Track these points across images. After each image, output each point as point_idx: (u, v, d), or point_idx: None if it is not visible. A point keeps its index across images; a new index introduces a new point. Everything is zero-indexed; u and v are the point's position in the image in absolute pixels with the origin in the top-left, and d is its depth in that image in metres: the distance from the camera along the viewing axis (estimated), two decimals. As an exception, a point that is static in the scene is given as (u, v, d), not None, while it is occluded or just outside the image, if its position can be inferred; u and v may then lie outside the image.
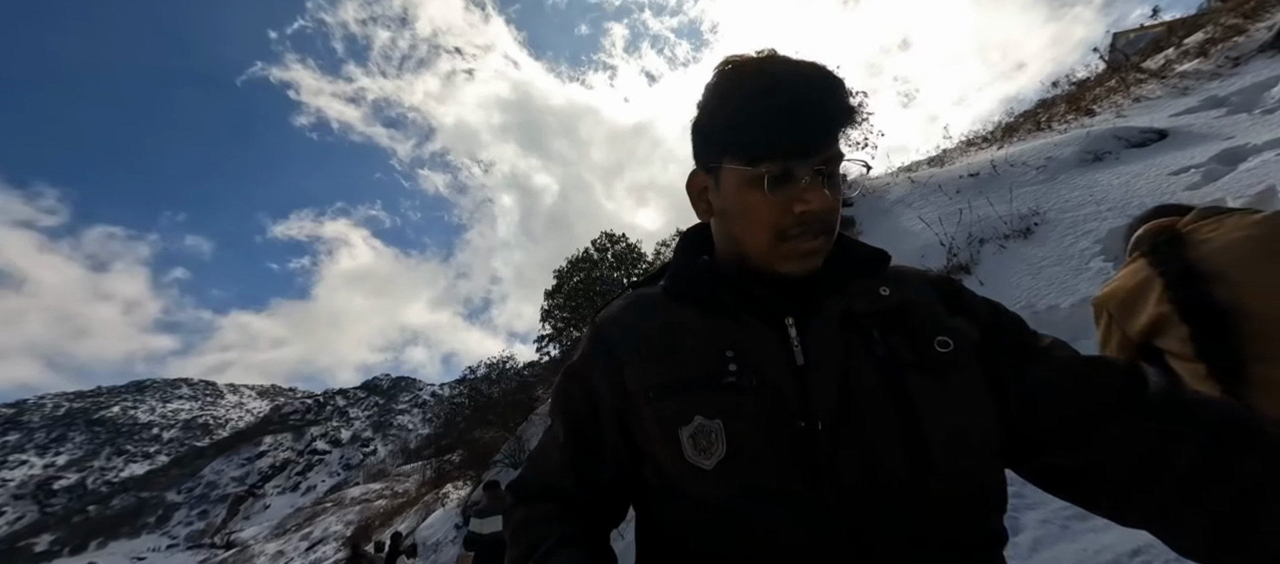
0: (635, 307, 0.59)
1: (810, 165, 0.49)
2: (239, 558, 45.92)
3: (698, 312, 0.55)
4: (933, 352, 0.50)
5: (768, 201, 0.50)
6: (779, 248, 0.51)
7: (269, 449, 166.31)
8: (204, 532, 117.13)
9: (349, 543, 28.31)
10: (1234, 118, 4.74)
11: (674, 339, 0.54)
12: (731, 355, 0.50)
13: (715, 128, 0.54)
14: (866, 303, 0.53)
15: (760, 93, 0.50)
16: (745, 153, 0.51)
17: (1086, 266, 3.57)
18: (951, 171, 7.24)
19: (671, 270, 0.60)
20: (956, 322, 0.53)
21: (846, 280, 0.54)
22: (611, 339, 0.57)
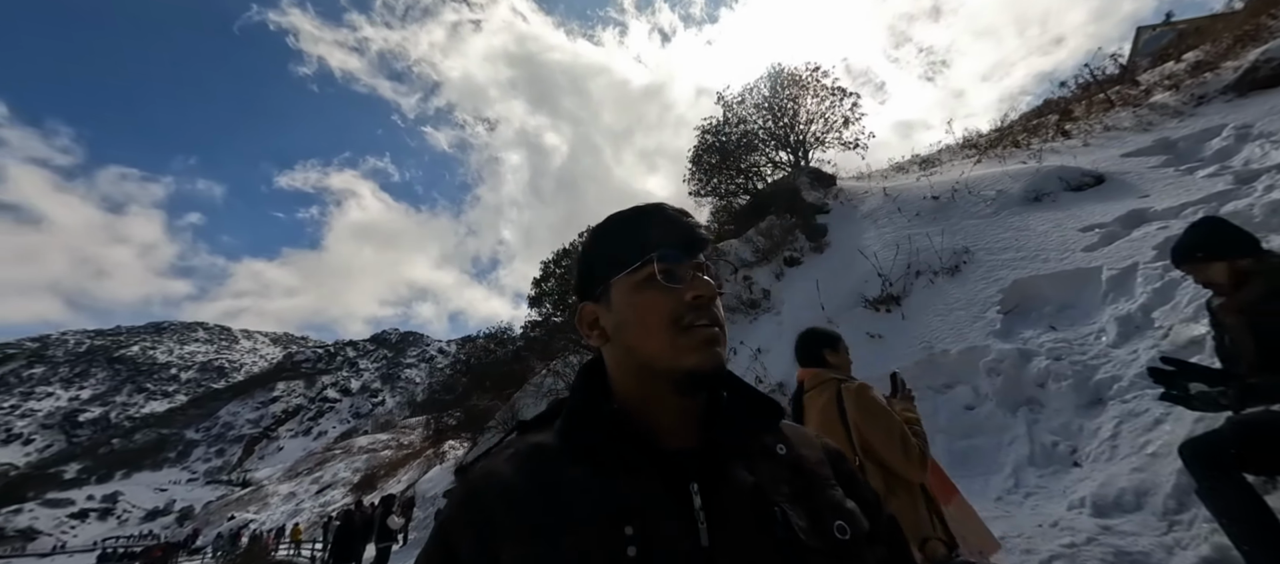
0: (520, 462, 0.52)
1: (691, 262, 0.53)
2: (254, 496, 48.83)
3: (593, 472, 0.49)
4: (832, 536, 0.49)
5: (662, 294, 0.52)
6: (680, 340, 0.51)
7: (282, 395, 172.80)
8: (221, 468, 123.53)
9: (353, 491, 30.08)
10: (1163, 171, 5.04)
11: (564, 509, 0.47)
12: (630, 533, 0.45)
13: (598, 257, 0.57)
14: (768, 470, 0.52)
15: (633, 217, 0.57)
16: (631, 260, 0.54)
17: (982, 316, 4.02)
18: (919, 189, 7.54)
19: (566, 413, 0.54)
20: (851, 506, 0.53)
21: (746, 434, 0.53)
22: (489, 509, 0.49)
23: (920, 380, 3.92)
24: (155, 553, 24.36)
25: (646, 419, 0.53)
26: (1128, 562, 1.67)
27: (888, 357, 4.35)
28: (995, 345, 3.56)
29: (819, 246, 8.04)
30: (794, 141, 12.22)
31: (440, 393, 22.55)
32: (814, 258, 7.86)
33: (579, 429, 0.52)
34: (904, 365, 4.09)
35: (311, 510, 33.12)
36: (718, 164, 12.27)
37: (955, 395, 3.52)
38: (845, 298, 5.62)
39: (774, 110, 12.20)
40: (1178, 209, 4.07)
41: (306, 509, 34.89)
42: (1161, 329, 2.84)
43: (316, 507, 34.02)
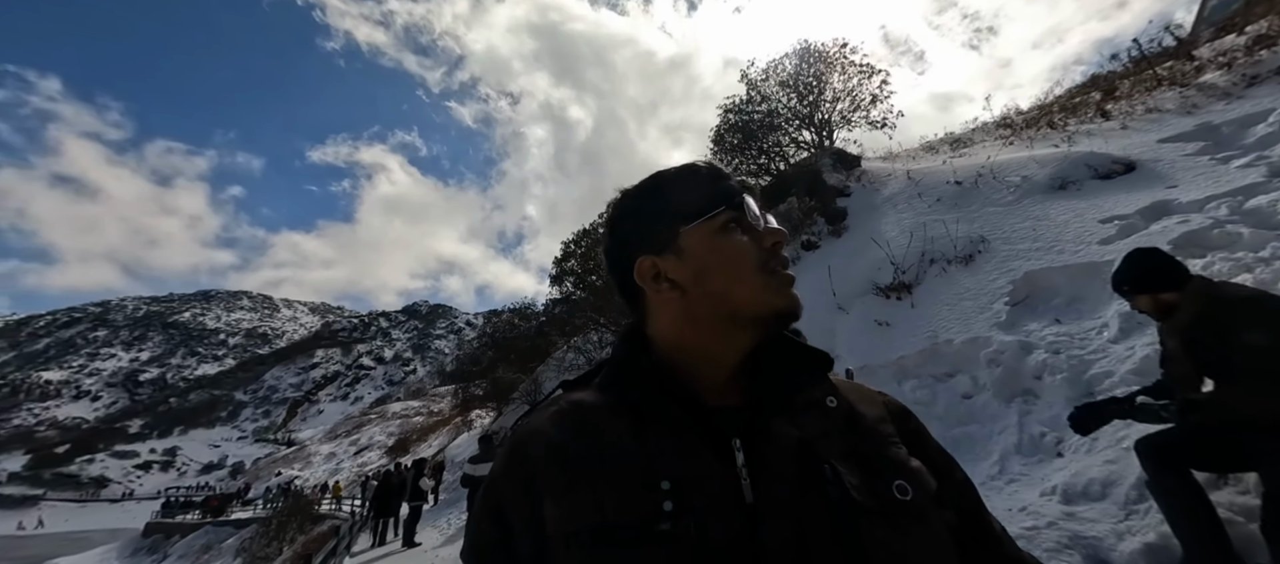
0: (562, 418, 0.52)
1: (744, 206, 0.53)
2: (298, 455, 52.17)
3: (632, 426, 0.49)
4: (892, 497, 0.46)
5: (744, 241, 0.52)
6: (769, 281, 0.51)
7: (321, 361, 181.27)
8: (267, 428, 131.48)
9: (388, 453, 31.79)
10: (1198, 158, 4.85)
11: (603, 465, 0.47)
12: (667, 488, 0.44)
13: (655, 211, 0.56)
14: (816, 422, 0.50)
15: (691, 170, 0.56)
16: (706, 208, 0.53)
17: (990, 307, 4.05)
18: (943, 173, 7.39)
19: (608, 370, 0.55)
20: (916, 465, 0.50)
21: (791, 388, 0.52)
22: (532, 461, 0.50)
23: (923, 369, 4.02)
24: (212, 502, 26.55)
25: (692, 375, 0.52)
26: (1080, 545, 1.80)
27: (894, 344, 4.45)
28: (997, 337, 3.62)
29: (837, 231, 8.01)
30: (819, 120, 11.98)
31: (467, 364, 23.47)
32: (831, 242, 7.85)
33: (619, 385, 0.53)
34: (907, 354, 4.19)
35: (350, 469, 35.26)
36: (739, 144, 12.15)
37: (954, 384, 3.61)
38: (858, 284, 5.67)
39: (799, 88, 11.95)
40: (1202, 202, 3.97)
41: (345, 468, 37.14)
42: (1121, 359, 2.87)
43: (354, 466, 36.17)
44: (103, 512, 73.46)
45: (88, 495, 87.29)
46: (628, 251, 0.57)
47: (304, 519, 15.05)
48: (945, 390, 3.63)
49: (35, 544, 44.65)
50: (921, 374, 3.90)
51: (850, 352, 4.70)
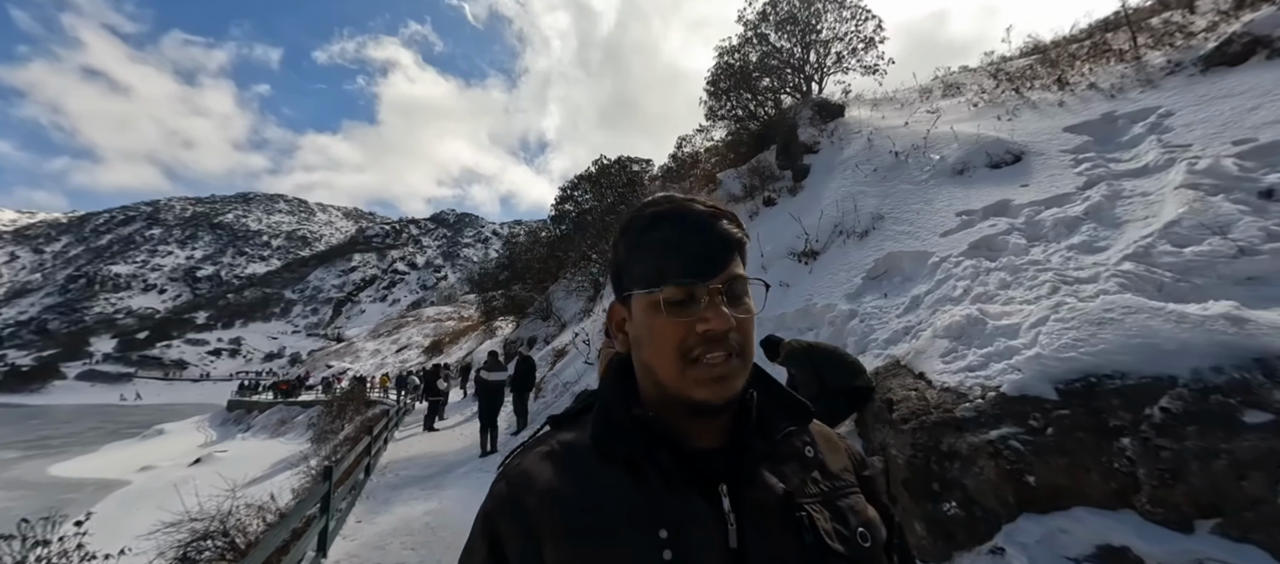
0: (556, 461, 0.54)
1: (707, 286, 0.51)
2: (347, 350, 58.22)
3: (627, 474, 0.51)
4: (856, 543, 0.52)
5: (671, 323, 0.51)
6: (688, 372, 0.51)
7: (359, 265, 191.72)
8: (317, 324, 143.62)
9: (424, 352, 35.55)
10: (1069, 155, 5.74)
11: (602, 513, 0.49)
12: (665, 537, 0.47)
13: (622, 262, 0.57)
14: (796, 472, 0.54)
15: (651, 225, 0.55)
16: (646, 280, 0.53)
17: (852, 279, 5.36)
18: (894, 137, 8.19)
19: (598, 417, 0.56)
20: (872, 514, 0.56)
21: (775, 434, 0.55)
22: (527, 506, 0.52)
23: (796, 324, 5.47)
24: (282, 386, 31.10)
25: (674, 421, 0.54)
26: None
27: (785, 302, 5.87)
28: (840, 304, 4.99)
29: (795, 189, 9.04)
30: (811, 65, 12.31)
31: (490, 277, 25.81)
32: (787, 200, 8.94)
33: (610, 435, 0.54)
34: (788, 311, 5.62)
35: (393, 364, 39.76)
36: (731, 88, 12.65)
37: (809, 336, 5.08)
38: (784, 245, 6.95)
39: (793, 30, 12.15)
40: (1026, 206, 5.02)
41: (390, 363, 41.78)
42: (931, 309, 4.20)
43: (397, 362, 40.67)
44: (186, 389, 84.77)
45: (172, 375, 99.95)
46: (613, 282, 0.61)
47: (360, 403, 18.22)
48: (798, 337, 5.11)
49: (139, 412, 52.81)
50: (793, 328, 5.37)
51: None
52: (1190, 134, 5.01)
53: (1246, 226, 3.15)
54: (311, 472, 9.61)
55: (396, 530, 4.43)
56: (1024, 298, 3.29)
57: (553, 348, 13.20)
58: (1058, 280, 3.28)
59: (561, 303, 15.98)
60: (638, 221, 0.57)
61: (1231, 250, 2.95)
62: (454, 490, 5.74)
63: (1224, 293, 2.78)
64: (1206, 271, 2.89)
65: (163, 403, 66.08)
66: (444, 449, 8.63)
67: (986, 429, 2.23)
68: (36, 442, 32.70)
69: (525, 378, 8.26)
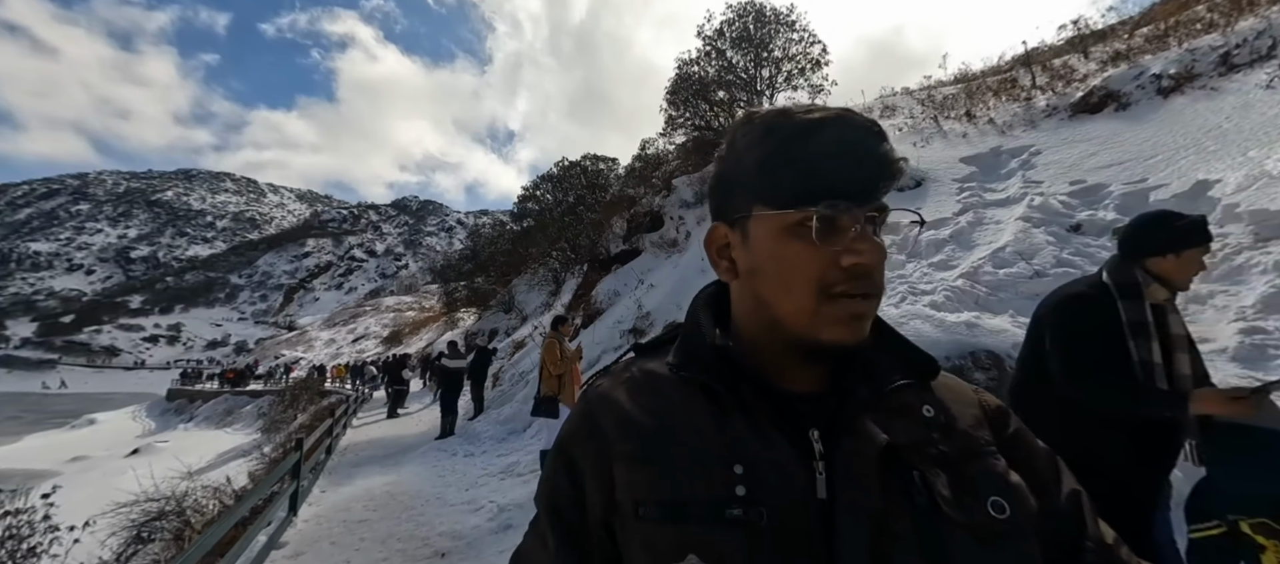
0: (634, 386, 0.51)
1: (862, 211, 0.44)
2: (300, 338, 56.15)
3: (707, 404, 0.47)
4: (985, 513, 0.43)
5: (812, 252, 0.44)
6: (823, 309, 0.44)
7: (313, 251, 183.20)
8: (266, 312, 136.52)
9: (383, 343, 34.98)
10: (955, 184, 6.76)
11: (675, 440, 0.46)
12: (740, 472, 0.43)
13: (744, 174, 0.48)
14: (909, 430, 0.46)
15: (801, 134, 0.45)
16: (784, 197, 0.45)
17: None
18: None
19: (681, 345, 0.52)
20: (1014, 479, 0.46)
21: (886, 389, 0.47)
22: (603, 427, 0.49)
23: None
24: (230, 375, 29.95)
25: (768, 360, 0.49)
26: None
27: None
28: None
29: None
30: (764, 79, 13.23)
31: (454, 266, 25.84)
32: (731, 208, 9.79)
33: (692, 362, 0.49)
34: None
35: (350, 355, 38.86)
36: (688, 98, 13.44)
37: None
38: (722, 252, 7.77)
39: (749, 45, 13.03)
40: (902, 225, 5.96)
41: (345, 353, 40.78)
42: None
43: (353, 352, 39.76)
44: (119, 377, 79.24)
45: (101, 363, 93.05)
46: (717, 199, 0.52)
47: (313, 393, 18.08)
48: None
49: (64, 402, 49.38)
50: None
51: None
52: (1046, 172, 6.08)
53: (1047, 254, 4.10)
54: (265, 459, 9.78)
55: (358, 497, 4.94)
56: (888, 303, 4.14)
57: (513, 340, 13.67)
58: (908, 291, 4.14)
59: (524, 296, 16.43)
60: (783, 127, 0.46)
61: (1029, 272, 3.87)
62: (412, 467, 6.24)
63: (1017, 306, 3.68)
64: (1009, 288, 3.79)
65: (92, 392, 61.69)
66: (403, 433, 9.04)
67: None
68: (-54, 431, 30.32)
69: (481, 367, 8.79)
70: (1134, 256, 1.43)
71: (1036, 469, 0.49)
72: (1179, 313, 1.43)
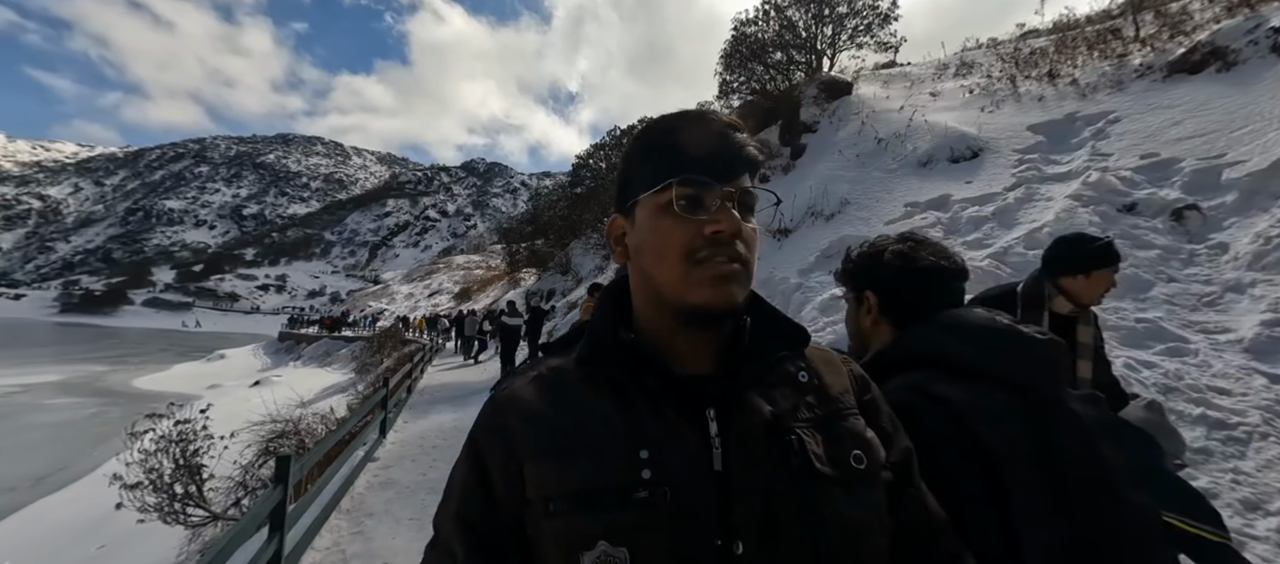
0: (542, 385, 0.55)
1: (720, 189, 0.51)
2: (384, 291, 61.79)
3: (612, 396, 0.52)
4: (848, 465, 0.51)
5: (679, 223, 0.51)
6: (691, 273, 0.50)
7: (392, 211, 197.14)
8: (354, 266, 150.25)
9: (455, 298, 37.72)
10: (1016, 154, 6.41)
11: (583, 432, 0.50)
12: (645, 456, 0.48)
13: (631, 169, 0.56)
14: (788, 396, 0.53)
15: (670, 129, 0.54)
16: (656, 180, 0.52)
17: (808, 257, 6.33)
18: (888, 121, 8.81)
19: (586, 341, 0.56)
20: (870, 435, 0.55)
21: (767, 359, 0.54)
22: (511, 427, 0.53)
23: (758, 291, 6.53)
24: (327, 322, 33.96)
25: (665, 344, 0.54)
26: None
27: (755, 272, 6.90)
28: (792, 277, 5.99)
29: (789, 168, 9.79)
30: (826, 37, 12.61)
31: (515, 232, 27.31)
32: (779, 179, 9.72)
33: (596, 357, 0.54)
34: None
35: (426, 308, 42.41)
36: (744, 60, 13.09)
37: (763, 303, 6.14)
38: (763, 221, 7.88)
39: (811, 1, 12.40)
40: (958, 201, 5.81)
41: (422, 307, 44.52)
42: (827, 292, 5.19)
43: (429, 306, 43.30)
44: (239, 320, 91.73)
45: (226, 307, 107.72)
46: (616, 196, 0.59)
47: (397, 341, 20.27)
48: (757, 306, 6.20)
49: (199, 339, 58.06)
50: (754, 294, 6.43)
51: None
52: (1119, 143, 5.66)
53: (1085, 236, 4.01)
54: (359, 395, 11.41)
55: (432, 429, 5.92)
56: (905, 282, 4.26)
57: (567, 301, 14.57)
58: None
59: (579, 259, 17.24)
60: (654, 128, 0.56)
61: (1060, 255, 3.84)
62: (476, 406, 7.13)
63: (1040, 287, 3.70)
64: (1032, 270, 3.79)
65: (220, 331, 72.01)
66: (469, 379, 10.20)
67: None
68: (117, 358, 36.93)
69: (537, 326, 9.66)
70: (1048, 272, 1.63)
71: (882, 428, 0.59)
72: (1093, 324, 1.62)
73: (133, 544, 6.52)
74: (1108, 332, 3.16)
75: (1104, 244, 1.55)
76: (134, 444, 5.76)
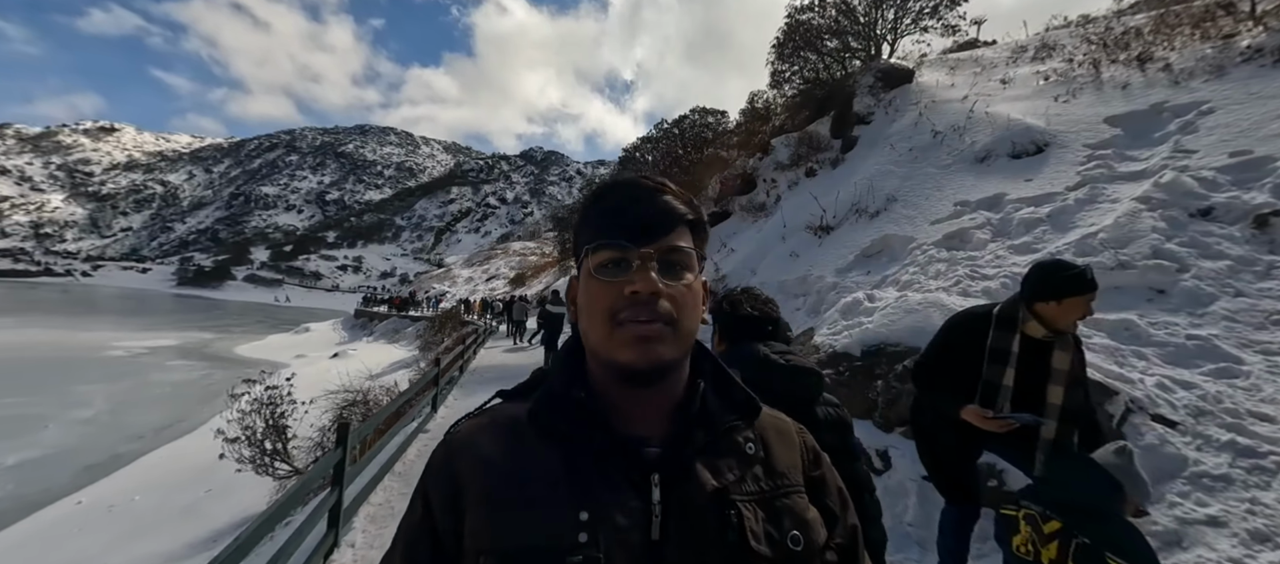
0: (495, 432, 0.56)
1: (637, 251, 0.53)
2: (446, 275, 65.57)
3: (559, 453, 0.52)
4: (784, 546, 0.52)
5: (604, 286, 0.53)
6: (614, 334, 0.52)
7: (456, 198, 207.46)
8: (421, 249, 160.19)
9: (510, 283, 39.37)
10: (1089, 150, 5.91)
11: (526, 488, 0.51)
12: (584, 519, 0.48)
13: (575, 235, 0.60)
14: (733, 468, 0.54)
15: (600, 195, 0.58)
16: (586, 246, 0.56)
17: (847, 255, 6.20)
18: (946, 113, 8.36)
19: (541, 396, 0.57)
20: (811, 515, 0.56)
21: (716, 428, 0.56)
22: (459, 471, 0.54)
23: (793, 289, 6.47)
24: (396, 302, 36.65)
25: (614, 403, 0.55)
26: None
27: (791, 269, 6.83)
28: (828, 276, 5.90)
29: (837, 161, 9.49)
30: (887, 22, 11.99)
31: (566, 220, 28.00)
32: (827, 173, 9.46)
33: (549, 412, 0.55)
34: (789, 279, 6.61)
35: (484, 291, 44.63)
36: (797, 48, 12.70)
37: (798, 302, 6.09)
38: (806, 219, 7.75)
39: (871, -13, 11.83)
40: (1012, 202, 5.45)
41: (480, 290, 46.86)
42: (896, 287, 5.07)
43: (486, 289, 45.52)
44: (322, 297, 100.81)
45: (310, 284, 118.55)
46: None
47: (456, 322, 21.63)
48: (791, 303, 6.16)
49: (289, 312, 64.35)
50: (789, 292, 6.40)
51: (767, 270, 7.16)
52: (1208, 137, 5.13)
53: (1144, 244, 3.73)
54: (420, 371, 12.40)
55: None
56: (939, 286, 4.12)
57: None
58: (969, 274, 4.06)
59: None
60: (590, 195, 0.59)
61: (1112, 263, 3.59)
62: (520, 391, 7.70)
63: (1085, 297, 3.51)
64: None
65: (306, 306, 79.53)
66: (518, 362, 10.82)
67: (817, 370, 3.41)
68: (221, 328, 41.78)
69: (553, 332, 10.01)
70: (1025, 296, 1.66)
71: (829, 505, 0.60)
72: (1072, 350, 1.62)
73: (232, 491, 7.56)
74: (1150, 347, 2.99)
75: (1077, 272, 1.56)
76: (233, 405, 6.70)
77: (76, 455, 10.34)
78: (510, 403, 0.60)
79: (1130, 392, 2.46)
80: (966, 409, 1.62)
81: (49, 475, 9.39)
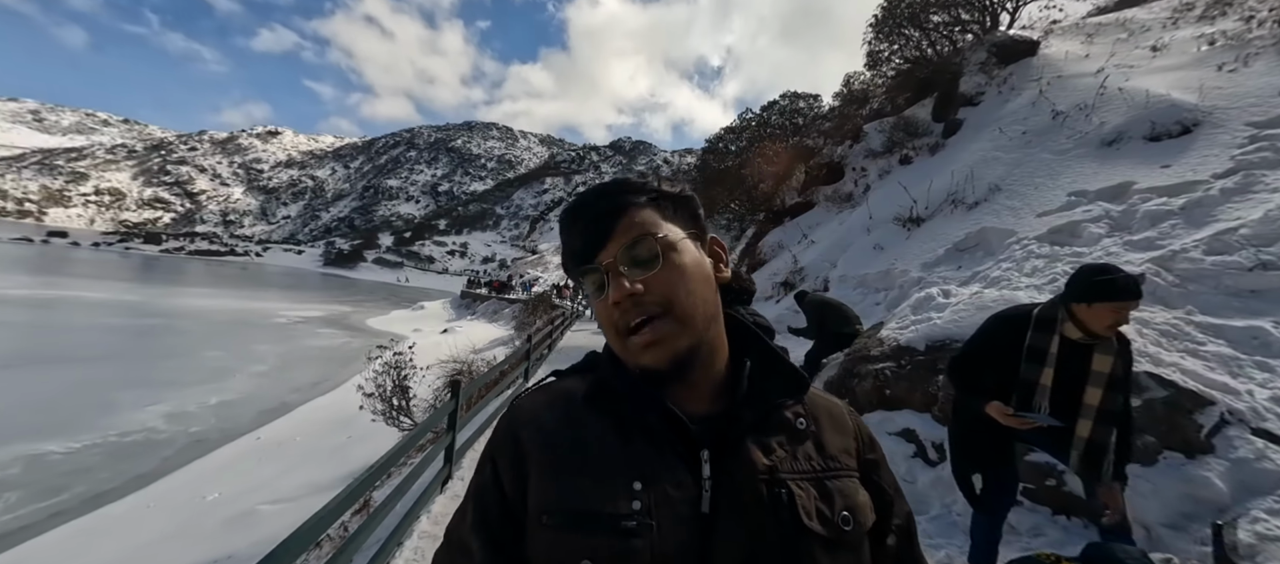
0: (554, 406, 0.59)
1: (595, 266, 0.55)
2: (539, 261, 70.00)
3: (615, 428, 0.55)
4: (836, 525, 0.52)
5: (599, 305, 0.56)
6: (627, 344, 0.54)
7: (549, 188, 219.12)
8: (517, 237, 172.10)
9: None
10: (1260, 129, 5.00)
11: (586, 456, 0.54)
12: (638, 488, 0.51)
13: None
14: (784, 445, 0.55)
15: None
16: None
17: (937, 249, 5.86)
18: (1074, 90, 7.45)
19: (594, 380, 0.59)
20: (862, 498, 0.56)
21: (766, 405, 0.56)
22: (523, 440, 0.57)
23: (874, 283, 6.27)
24: (495, 285, 40.02)
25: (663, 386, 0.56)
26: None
27: (874, 262, 6.59)
28: (913, 271, 5.63)
29: (936, 147, 8.80)
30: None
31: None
32: (924, 160, 8.83)
33: (604, 391, 0.57)
34: (871, 272, 6.40)
35: (572, 278, 46.99)
36: (898, 25, 11.82)
37: (878, 297, 5.89)
38: (894, 210, 7.38)
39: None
40: (1141, 192, 4.78)
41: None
42: (982, 283, 4.78)
43: (575, 276, 47.91)
44: (434, 278, 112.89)
45: (425, 267, 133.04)
46: None
47: (547, 305, 23.26)
48: (871, 298, 6.00)
49: (408, 292, 72.97)
50: (870, 286, 6.22)
51: (848, 263, 6.96)
52: None
53: (1299, 241, 3.22)
54: (515, 348, 13.66)
55: (564, 383, 7.09)
56: (1030, 283, 3.84)
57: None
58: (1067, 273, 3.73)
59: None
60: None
61: (1250, 263, 3.13)
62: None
63: (1206, 303, 3.13)
64: (1208, 281, 3.14)
65: (421, 286, 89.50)
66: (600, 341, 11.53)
67: (877, 362, 3.34)
68: (356, 302, 48.45)
69: None
70: (1064, 298, 1.68)
71: (883, 489, 0.60)
72: (1116, 355, 1.60)
73: (368, 438, 9.07)
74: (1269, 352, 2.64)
75: (1108, 279, 1.55)
76: (369, 366, 8.04)
77: (254, 401, 12.90)
78: (566, 379, 0.63)
79: (1231, 403, 2.23)
80: (991, 405, 1.68)
81: (238, 414, 11.84)
